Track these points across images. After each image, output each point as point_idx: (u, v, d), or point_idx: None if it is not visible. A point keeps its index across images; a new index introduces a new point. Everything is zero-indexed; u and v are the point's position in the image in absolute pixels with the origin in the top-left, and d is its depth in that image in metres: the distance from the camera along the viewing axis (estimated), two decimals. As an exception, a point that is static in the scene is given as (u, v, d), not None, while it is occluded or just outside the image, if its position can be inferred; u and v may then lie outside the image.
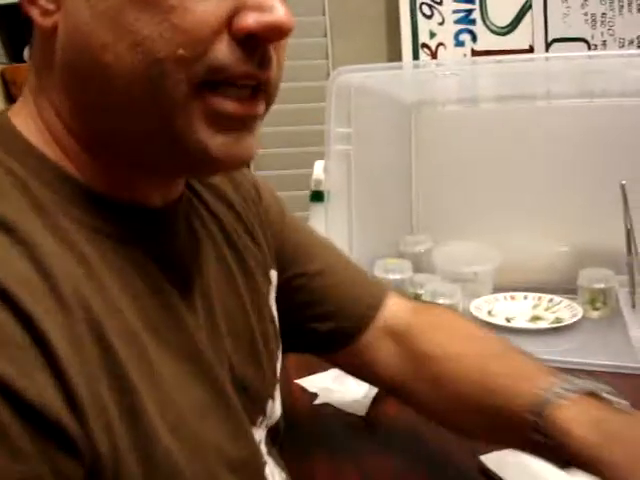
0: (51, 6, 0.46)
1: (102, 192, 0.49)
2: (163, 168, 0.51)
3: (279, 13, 0.45)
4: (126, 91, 0.45)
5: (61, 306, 0.40)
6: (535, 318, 1.25)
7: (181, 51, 0.43)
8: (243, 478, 0.53)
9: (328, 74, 2.11)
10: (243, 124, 0.48)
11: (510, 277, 1.35)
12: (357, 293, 0.78)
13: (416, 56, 2.24)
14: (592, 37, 2.45)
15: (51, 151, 0.48)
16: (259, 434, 0.61)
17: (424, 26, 2.27)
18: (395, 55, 2.23)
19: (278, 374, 0.69)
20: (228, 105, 0.46)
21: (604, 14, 2.47)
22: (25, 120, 0.49)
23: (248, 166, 0.76)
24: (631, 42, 2.50)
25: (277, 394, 0.67)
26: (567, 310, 1.25)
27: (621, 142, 1.34)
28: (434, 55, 2.26)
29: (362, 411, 0.89)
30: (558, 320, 1.22)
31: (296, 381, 1.01)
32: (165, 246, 0.53)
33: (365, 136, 1.26)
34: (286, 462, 0.67)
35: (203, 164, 0.48)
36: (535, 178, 1.39)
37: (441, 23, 2.28)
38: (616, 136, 1.36)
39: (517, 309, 1.28)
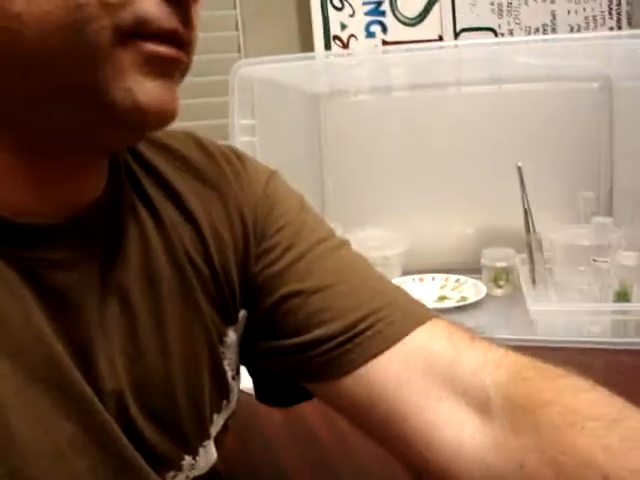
0: None
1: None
2: (76, 137, 0.44)
3: None
4: (40, 43, 0.39)
5: None
6: (442, 298, 1.29)
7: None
8: None
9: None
10: (172, 70, 0.44)
11: (419, 260, 1.39)
12: (374, 313, 0.59)
13: (328, 48, 2.26)
14: (499, 26, 2.52)
15: None
16: None
17: (335, 18, 2.29)
18: (307, 47, 2.24)
19: (214, 429, 0.58)
20: (161, 48, 0.43)
21: (510, 3, 2.53)
22: None
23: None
24: (537, 30, 2.58)
25: (205, 450, 0.56)
26: (472, 289, 1.30)
27: (520, 126, 1.40)
28: (346, 46, 2.28)
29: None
30: (464, 299, 1.27)
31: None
32: (51, 269, 0.45)
33: (271, 127, 1.28)
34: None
35: (129, 117, 0.42)
36: (440, 164, 1.43)
37: (352, 15, 2.30)
38: (515, 121, 1.41)
39: (425, 290, 1.33)
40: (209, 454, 0.57)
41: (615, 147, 1.38)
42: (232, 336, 0.58)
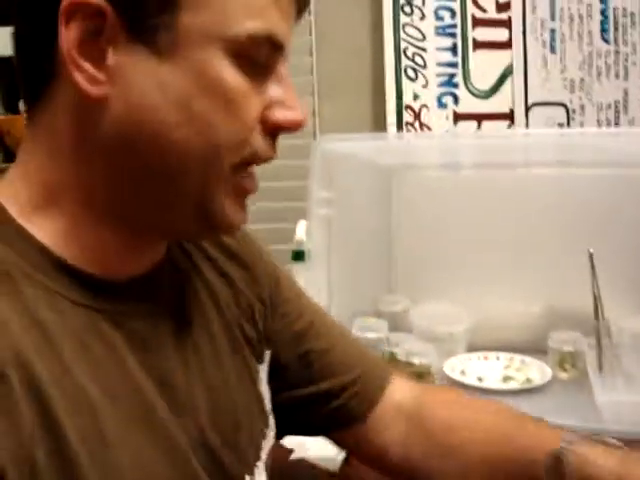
0: (101, 76, 0.49)
1: (75, 264, 0.53)
2: (179, 233, 0.59)
3: (301, 112, 0.56)
4: (181, 168, 0.52)
5: None
6: (507, 378, 1.29)
7: (237, 139, 0.53)
8: None
9: (314, 132, 2.17)
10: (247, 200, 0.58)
11: (484, 336, 1.39)
12: (366, 370, 0.80)
13: (400, 117, 2.31)
14: (570, 101, 2.54)
15: (35, 226, 0.52)
16: None
17: (408, 88, 2.34)
18: (379, 115, 2.30)
19: (263, 453, 0.68)
20: (252, 184, 0.57)
21: (582, 79, 2.56)
22: (13, 187, 0.53)
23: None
24: (608, 106, 2.59)
25: (258, 472, 0.66)
26: (537, 371, 1.30)
27: (592, 210, 1.41)
28: (417, 116, 2.33)
29: (335, 467, 0.93)
30: (529, 381, 1.27)
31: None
32: (133, 318, 0.55)
33: (346, 199, 1.32)
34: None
35: (218, 230, 0.58)
36: (510, 242, 1.44)
37: (425, 86, 2.36)
38: (588, 204, 1.42)
39: (489, 369, 1.33)
40: (262, 476, 0.67)
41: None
42: (262, 373, 0.71)
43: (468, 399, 0.87)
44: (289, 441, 1.02)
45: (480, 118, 2.43)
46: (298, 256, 1.30)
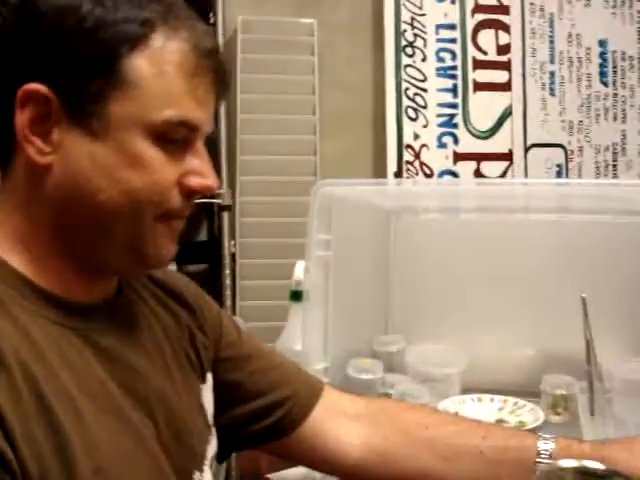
0: (48, 149, 0.63)
1: (48, 289, 0.65)
2: (121, 268, 0.71)
3: (213, 179, 0.69)
4: (110, 219, 0.65)
5: (2, 367, 0.56)
6: (500, 421, 1.31)
7: (154, 198, 0.65)
8: None
9: (315, 170, 2.21)
10: (177, 237, 0.71)
11: (478, 378, 1.41)
12: (301, 382, 0.92)
13: (400, 156, 2.35)
14: (569, 143, 2.58)
15: (17, 259, 0.65)
16: None
17: (409, 128, 2.38)
18: (380, 154, 2.34)
19: (209, 456, 0.79)
20: (178, 225, 0.70)
21: (581, 121, 2.60)
22: None
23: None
24: (606, 148, 2.63)
25: (207, 470, 0.78)
26: (530, 414, 1.31)
27: (587, 256, 1.43)
28: (417, 155, 2.37)
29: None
30: (521, 424, 1.28)
31: (268, 475, 1.06)
32: (103, 328, 0.69)
33: (345, 241, 1.34)
34: None
35: (150, 265, 0.72)
36: (506, 285, 1.47)
37: (425, 126, 2.40)
38: (583, 250, 1.45)
39: (483, 411, 1.34)
40: (208, 475, 0.78)
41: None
42: (204, 391, 0.82)
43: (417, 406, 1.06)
44: (282, 478, 1.04)
45: (479, 158, 2.47)
46: (296, 296, 1.33)
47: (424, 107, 2.40)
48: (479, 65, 2.48)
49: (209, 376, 0.84)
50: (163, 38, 0.64)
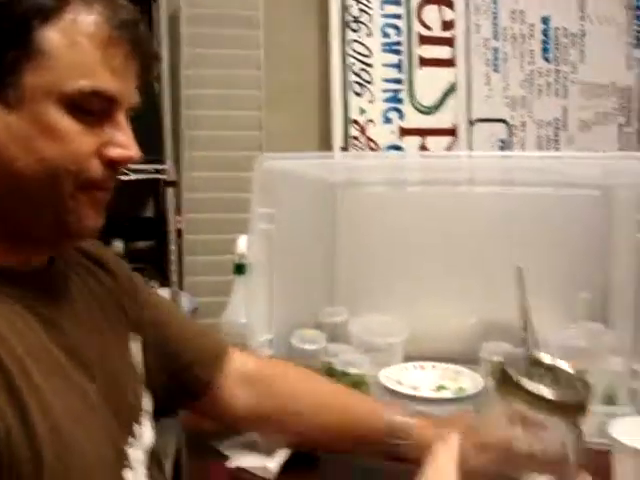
0: None
1: None
2: (47, 238, 0.72)
3: (134, 150, 0.70)
4: (30, 187, 0.66)
5: None
6: (440, 387, 1.34)
7: (71, 167, 0.66)
8: (105, 474, 0.69)
9: (261, 145, 2.21)
10: (104, 205, 0.73)
11: (420, 347, 1.44)
12: (207, 344, 1.00)
13: (346, 131, 2.37)
14: (512, 118, 2.63)
15: None
16: (136, 455, 0.77)
17: (354, 103, 2.40)
18: (326, 129, 2.35)
19: (146, 408, 0.84)
20: (103, 196, 0.71)
21: (524, 97, 2.65)
22: None
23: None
24: (548, 123, 2.69)
25: (146, 423, 0.83)
26: (470, 381, 1.34)
27: (526, 227, 1.47)
28: (363, 131, 2.39)
29: (271, 475, 0.96)
30: (461, 390, 1.31)
31: (211, 443, 1.07)
32: (40, 296, 0.71)
33: (289, 215, 1.35)
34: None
35: (76, 235, 0.73)
36: (448, 257, 1.49)
37: (371, 101, 2.42)
38: (521, 222, 1.48)
39: (425, 378, 1.37)
40: (148, 430, 0.82)
41: (612, 251, 1.44)
42: (133, 350, 0.86)
43: (304, 370, 1.08)
44: (226, 448, 1.05)
45: (425, 133, 2.50)
46: (239, 269, 1.33)
47: (370, 82, 2.42)
48: (424, 41, 2.50)
49: (137, 337, 0.89)
50: (77, 11, 0.65)
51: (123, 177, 0.77)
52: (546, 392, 0.58)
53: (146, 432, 0.82)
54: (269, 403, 1.01)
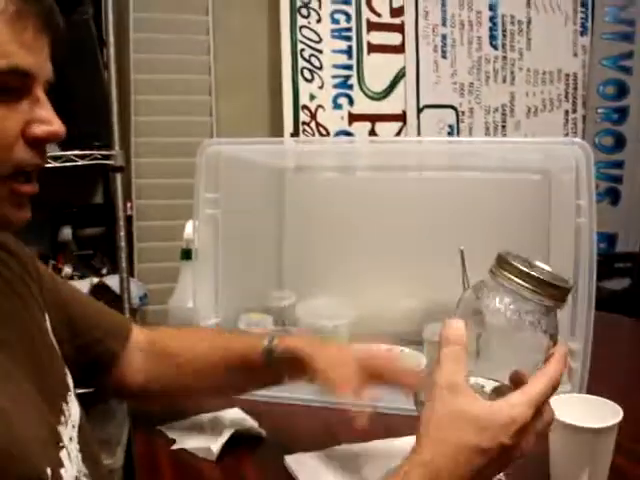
0: None
1: None
2: None
3: (58, 125, 0.67)
4: None
5: None
6: (385, 368, 1.37)
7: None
8: (43, 454, 0.67)
9: (212, 131, 2.22)
10: (28, 199, 0.69)
11: (365, 329, 1.47)
12: (110, 327, 1.03)
13: (296, 117, 2.38)
14: (460, 104, 2.67)
15: None
16: (68, 432, 0.77)
17: (305, 89, 2.41)
18: (276, 115, 2.36)
19: (69, 384, 0.85)
20: (26, 188, 0.68)
21: (471, 84, 2.69)
22: None
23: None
24: (495, 110, 2.73)
25: (72, 399, 0.83)
26: (414, 360, 1.38)
27: (470, 211, 1.50)
28: (313, 116, 2.41)
29: (213, 457, 0.98)
30: (405, 370, 1.35)
31: (158, 427, 1.09)
32: None
33: (235, 201, 1.37)
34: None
35: (4, 230, 0.73)
36: (393, 240, 1.52)
37: (321, 87, 2.43)
38: (468, 206, 1.51)
39: (370, 359, 1.40)
40: (75, 406, 0.83)
41: (552, 235, 1.49)
42: (48, 329, 0.87)
43: (191, 329, 1.19)
44: (170, 430, 1.07)
45: (374, 119, 2.53)
46: (186, 254, 1.35)
47: (319, 68, 2.43)
48: (373, 27, 2.52)
49: (47, 317, 0.89)
50: None
51: (70, 164, 0.78)
52: (537, 272, 0.67)
53: (73, 408, 0.82)
54: (164, 362, 1.05)
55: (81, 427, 0.82)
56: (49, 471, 0.64)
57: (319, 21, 2.45)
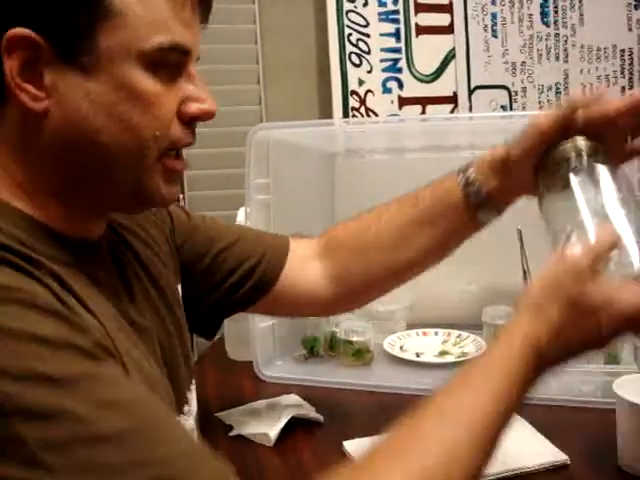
0: (42, 94, 0.61)
1: (59, 230, 0.66)
2: (120, 209, 0.74)
3: (212, 103, 0.68)
4: (114, 160, 0.64)
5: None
6: (443, 353, 1.35)
7: (157, 133, 0.65)
8: None
9: (261, 119, 2.20)
10: (180, 177, 0.72)
11: (422, 315, 1.45)
12: (267, 245, 1.03)
13: (345, 103, 2.35)
14: (512, 84, 2.60)
15: (21, 204, 0.64)
16: (189, 424, 0.80)
17: (353, 74, 2.38)
18: (325, 102, 2.34)
19: (192, 376, 0.87)
20: (178, 164, 0.69)
21: (524, 62, 2.62)
22: None
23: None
24: (549, 88, 2.66)
25: (193, 389, 0.86)
26: (473, 345, 1.35)
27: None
28: (363, 101, 2.37)
29: (271, 443, 0.97)
30: (464, 354, 1.32)
31: (216, 414, 1.09)
32: (97, 265, 0.70)
33: (286, 185, 1.35)
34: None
35: (154, 205, 0.74)
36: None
37: (369, 71, 2.40)
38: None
39: (427, 344, 1.38)
40: (194, 397, 0.85)
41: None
42: (180, 305, 0.88)
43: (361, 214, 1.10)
44: (228, 417, 1.06)
45: (424, 102, 2.48)
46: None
47: (367, 52, 2.40)
48: (421, 8, 2.47)
49: (179, 288, 0.90)
50: None
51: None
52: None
53: (193, 399, 0.84)
54: (344, 254, 1.03)
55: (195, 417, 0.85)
56: None
57: (365, 5, 2.41)
